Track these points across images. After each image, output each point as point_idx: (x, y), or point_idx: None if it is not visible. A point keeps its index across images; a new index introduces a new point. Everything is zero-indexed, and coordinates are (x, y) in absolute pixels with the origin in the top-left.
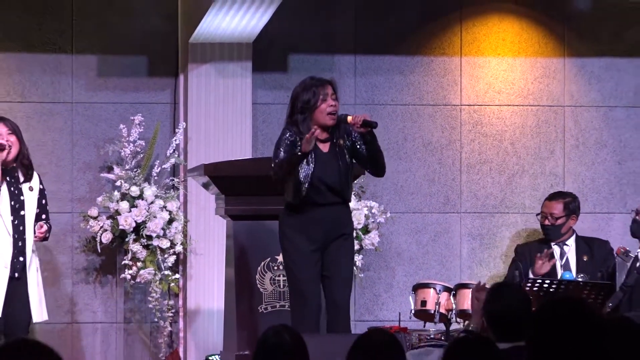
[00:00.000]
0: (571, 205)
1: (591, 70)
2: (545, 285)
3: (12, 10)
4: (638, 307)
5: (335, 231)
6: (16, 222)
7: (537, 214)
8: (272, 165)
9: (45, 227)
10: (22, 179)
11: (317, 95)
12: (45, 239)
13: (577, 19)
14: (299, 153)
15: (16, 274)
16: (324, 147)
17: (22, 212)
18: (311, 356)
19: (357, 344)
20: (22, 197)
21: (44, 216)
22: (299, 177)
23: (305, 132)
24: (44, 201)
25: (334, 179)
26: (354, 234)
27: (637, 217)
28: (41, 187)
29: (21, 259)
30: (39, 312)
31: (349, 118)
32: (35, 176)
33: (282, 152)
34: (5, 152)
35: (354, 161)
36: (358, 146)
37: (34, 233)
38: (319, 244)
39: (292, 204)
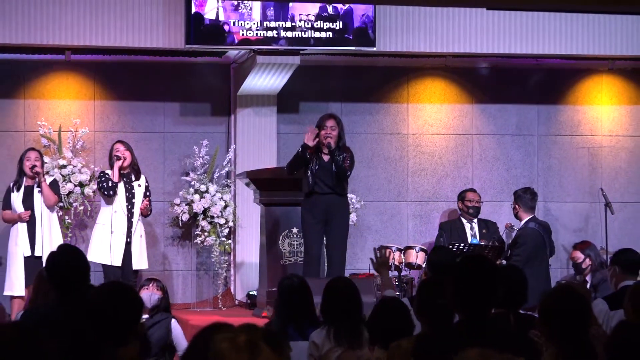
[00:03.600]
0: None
1: (489, 112)
2: (461, 247)
3: (129, 74)
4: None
5: (332, 211)
6: (129, 206)
7: (471, 201)
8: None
9: (145, 203)
10: (133, 178)
11: (321, 123)
12: (147, 212)
13: (480, 80)
14: (301, 152)
15: (128, 239)
16: (325, 158)
17: (133, 200)
18: (315, 292)
19: (326, 285)
20: (133, 191)
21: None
22: (308, 174)
23: (317, 146)
24: (147, 193)
25: (330, 179)
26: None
27: (516, 206)
28: (147, 184)
29: (132, 229)
30: (139, 263)
31: (328, 139)
32: (143, 177)
33: (295, 153)
34: (120, 161)
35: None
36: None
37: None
38: (320, 218)
39: (307, 193)
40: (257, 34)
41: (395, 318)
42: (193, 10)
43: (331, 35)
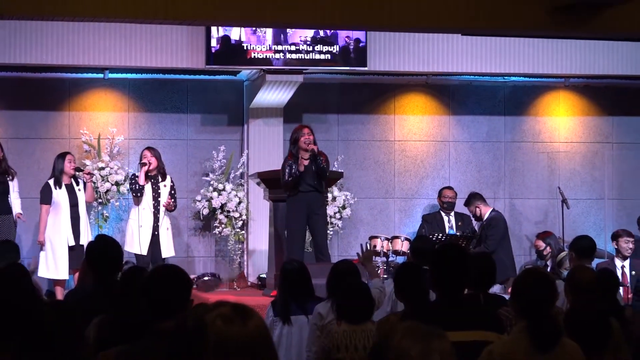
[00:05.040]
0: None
1: (463, 122)
2: (439, 237)
3: (158, 90)
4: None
5: (313, 207)
6: (155, 204)
7: (446, 197)
8: (282, 180)
9: (168, 201)
10: (160, 180)
11: (299, 133)
12: (171, 208)
13: (456, 95)
14: (297, 173)
15: (155, 232)
16: (306, 162)
17: (159, 199)
18: (318, 275)
19: (334, 266)
20: (159, 190)
21: (173, 199)
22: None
23: (296, 155)
24: (172, 192)
25: (311, 178)
26: (335, 210)
27: (477, 207)
28: (172, 184)
29: (157, 224)
30: (167, 251)
31: (310, 146)
32: (168, 178)
33: (286, 174)
34: (147, 166)
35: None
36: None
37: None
38: (303, 212)
39: (293, 194)
40: (266, 56)
41: (358, 298)
42: (221, 33)
43: (329, 57)
